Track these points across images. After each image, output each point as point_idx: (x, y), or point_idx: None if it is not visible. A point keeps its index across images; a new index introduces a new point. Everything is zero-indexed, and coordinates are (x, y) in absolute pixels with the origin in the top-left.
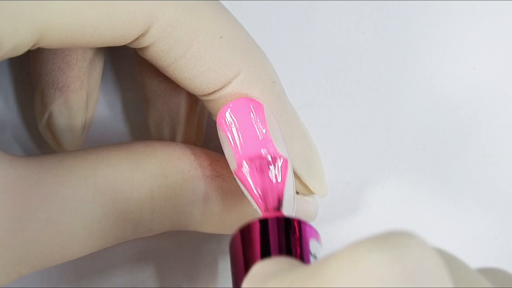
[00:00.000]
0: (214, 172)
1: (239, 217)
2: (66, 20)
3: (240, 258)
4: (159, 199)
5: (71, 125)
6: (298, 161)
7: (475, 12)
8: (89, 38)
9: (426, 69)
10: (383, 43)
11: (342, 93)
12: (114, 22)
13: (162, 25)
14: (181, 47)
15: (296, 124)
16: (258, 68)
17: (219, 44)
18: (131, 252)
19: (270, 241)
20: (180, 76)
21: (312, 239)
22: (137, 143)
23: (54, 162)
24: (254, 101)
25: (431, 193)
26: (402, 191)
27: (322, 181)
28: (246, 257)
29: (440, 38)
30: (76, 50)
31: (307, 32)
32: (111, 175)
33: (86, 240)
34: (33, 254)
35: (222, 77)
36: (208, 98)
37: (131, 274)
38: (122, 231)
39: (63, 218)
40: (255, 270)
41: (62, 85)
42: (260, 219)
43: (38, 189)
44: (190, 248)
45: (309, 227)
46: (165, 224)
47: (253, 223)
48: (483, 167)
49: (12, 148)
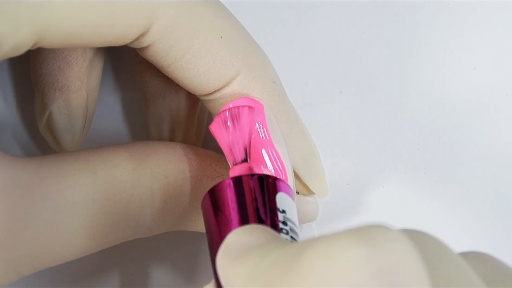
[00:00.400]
0: (214, 172)
1: None
2: (66, 20)
3: (214, 223)
4: (159, 199)
5: (71, 125)
6: (298, 161)
7: (475, 12)
8: (89, 38)
9: (426, 69)
10: (383, 43)
11: (342, 93)
12: (114, 22)
13: (162, 25)
14: (182, 47)
15: (296, 124)
16: (258, 68)
17: (219, 44)
18: (131, 252)
19: (243, 205)
20: (180, 76)
21: (280, 193)
22: (137, 143)
23: (54, 162)
24: (254, 101)
25: (431, 193)
26: (402, 191)
27: (322, 181)
28: (220, 222)
29: (440, 38)
30: (76, 50)
31: (307, 32)
32: (111, 175)
33: (86, 240)
34: (33, 255)
35: (222, 77)
36: (208, 98)
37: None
38: (122, 231)
39: (63, 218)
40: (230, 241)
41: (62, 85)
42: (230, 178)
43: (38, 190)
44: (190, 248)
45: (276, 180)
46: (166, 225)
47: (223, 183)
48: (483, 167)
49: (12, 148)
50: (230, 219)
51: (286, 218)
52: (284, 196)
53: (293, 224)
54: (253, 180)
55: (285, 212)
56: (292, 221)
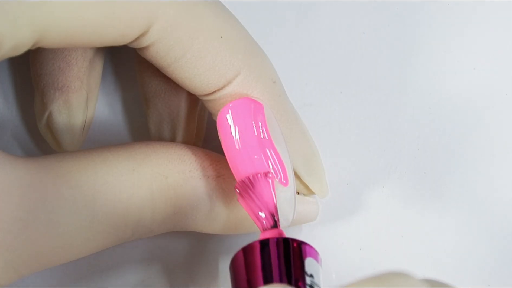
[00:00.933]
0: (214, 172)
1: (239, 218)
2: (66, 20)
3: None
4: (159, 199)
5: (71, 125)
6: (298, 161)
7: (475, 12)
8: (89, 38)
9: (426, 69)
10: (383, 43)
11: (342, 93)
12: (114, 22)
13: (163, 25)
14: (182, 47)
15: (297, 124)
16: (258, 68)
17: (219, 44)
18: (131, 252)
19: (270, 265)
20: (181, 76)
21: (309, 258)
22: (137, 144)
23: (55, 162)
24: (254, 101)
25: (431, 193)
26: (402, 191)
27: (322, 181)
28: (248, 280)
29: (440, 38)
30: (76, 50)
31: (307, 32)
32: (111, 176)
33: (86, 241)
34: (33, 255)
35: (222, 77)
36: (208, 98)
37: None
38: (122, 232)
39: (64, 219)
40: None
41: (62, 85)
42: (259, 241)
43: (38, 190)
44: (190, 248)
45: (306, 246)
46: (166, 225)
47: (253, 245)
48: (483, 167)
49: (12, 148)
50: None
51: (313, 283)
52: (313, 261)
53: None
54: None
55: (313, 276)
56: (318, 284)
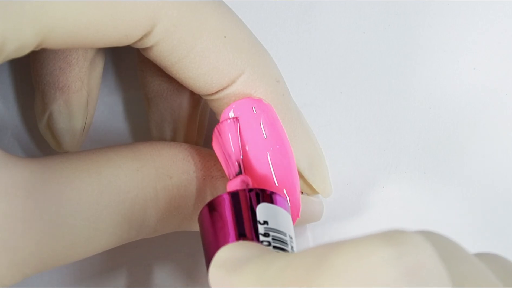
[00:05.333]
0: (219, 172)
1: None
2: (70, 21)
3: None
4: (163, 200)
5: (71, 125)
6: (302, 160)
7: (475, 12)
8: (93, 39)
9: (426, 69)
10: (383, 43)
11: (342, 93)
12: (117, 22)
13: (166, 25)
14: (185, 47)
15: (300, 123)
16: (262, 67)
17: (223, 44)
18: (131, 252)
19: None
20: (184, 75)
21: (262, 204)
22: (141, 144)
23: (58, 163)
24: (258, 101)
25: (431, 193)
26: (402, 191)
27: (326, 180)
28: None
29: (440, 38)
30: (77, 50)
31: (307, 32)
32: (115, 176)
33: (90, 241)
34: (37, 256)
35: (226, 77)
36: (212, 98)
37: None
38: (126, 232)
39: (67, 219)
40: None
41: (62, 85)
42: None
43: (42, 191)
44: (190, 248)
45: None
46: (170, 225)
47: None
48: (483, 167)
49: (12, 148)
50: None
51: (268, 229)
52: (266, 206)
53: (278, 233)
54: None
55: (267, 223)
56: (277, 230)
